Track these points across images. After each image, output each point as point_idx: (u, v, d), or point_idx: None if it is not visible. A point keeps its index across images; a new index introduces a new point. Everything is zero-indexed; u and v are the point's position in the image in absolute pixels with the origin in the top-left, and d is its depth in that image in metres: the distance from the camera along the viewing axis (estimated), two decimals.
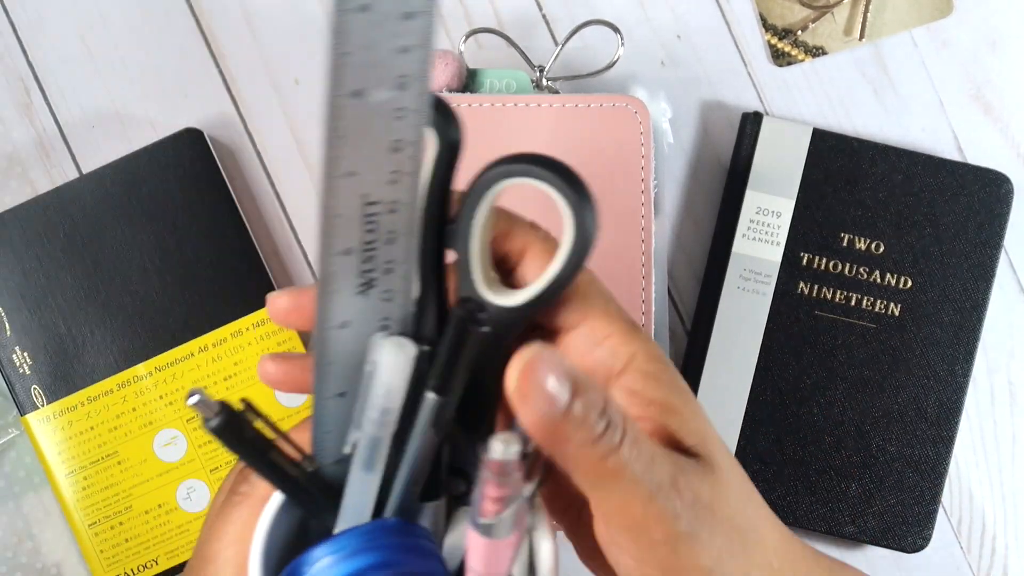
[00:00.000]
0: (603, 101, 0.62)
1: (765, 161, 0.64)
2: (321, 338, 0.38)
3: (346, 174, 0.34)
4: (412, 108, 0.34)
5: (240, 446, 0.38)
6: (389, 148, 0.34)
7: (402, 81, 0.33)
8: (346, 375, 0.39)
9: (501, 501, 0.36)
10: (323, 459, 0.41)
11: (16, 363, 0.62)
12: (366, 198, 0.35)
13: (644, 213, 0.62)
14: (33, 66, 0.65)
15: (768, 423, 0.63)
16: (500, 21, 0.66)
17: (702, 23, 0.66)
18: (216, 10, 0.65)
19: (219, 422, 0.37)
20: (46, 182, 0.65)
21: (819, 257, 0.64)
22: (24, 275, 0.62)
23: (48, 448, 0.62)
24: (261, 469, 0.40)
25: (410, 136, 0.35)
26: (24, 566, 0.63)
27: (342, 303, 0.37)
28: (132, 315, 0.62)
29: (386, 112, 0.34)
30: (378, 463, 0.39)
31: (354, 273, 0.37)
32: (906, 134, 0.66)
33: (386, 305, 0.38)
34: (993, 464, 0.65)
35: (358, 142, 0.34)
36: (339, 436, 0.40)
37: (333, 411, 0.40)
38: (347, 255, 0.36)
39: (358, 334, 0.38)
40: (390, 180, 0.35)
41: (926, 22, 0.66)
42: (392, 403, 0.37)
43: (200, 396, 0.36)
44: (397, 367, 0.37)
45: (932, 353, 0.63)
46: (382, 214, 0.36)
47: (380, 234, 0.36)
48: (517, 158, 0.38)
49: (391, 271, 0.37)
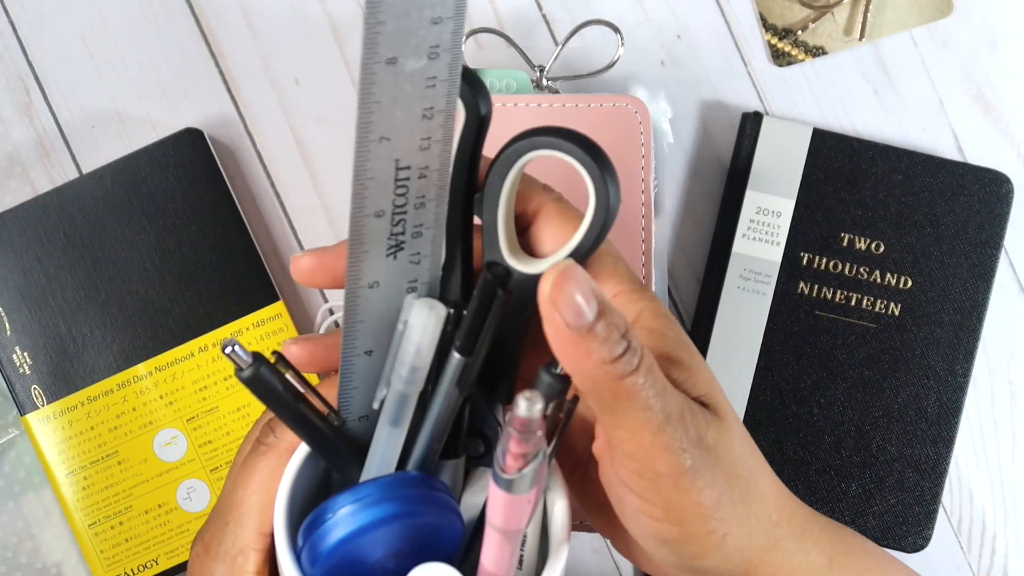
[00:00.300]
0: (603, 101, 0.62)
1: (765, 161, 0.64)
2: (352, 297, 0.39)
3: (379, 138, 0.36)
4: (443, 78, 0.35)
5: (271, 397, 0.39)
6: (421, 115, 0.36)
7: (434, 51, 0.35)
8: (374, 333, 0.40)
9: (523, 457, 0.37)
10: (349, 414, 0.42)
11: (16, 363, 0.62)
12: (398, 163, 0.36)
13: (644, 213, 0.62)
14: (33, 66, 0.65)
15: (768, 423, 0.63)
16: (500, 21, 0.66)
17: (702, 23, 0.66)
18: (216, 10, 0.65)
19: (251, 372, 0.38)
20: (46, 182, 0.65)
21: (819, 257, 0.64)
22: (24, 275, 0.62)
23: (48, 448, 0.62)
24: (289, 420, 0.41)
25: (441, 104, 0.36)
26: (24, 566, 0.63)
27: (372, 264, 0.38)
28: (132, 315, 0.62)
29: (418, 80, 0.35)
30: (405, 419, 0.40)
31: (385, 235, 0.38)
32: (906, 134, 0.66)
33: (414, 268, 0.39)
34: (993, 464, 0.65)
35: (391, 108, 0.35)
36: (366, 393, 0.41)
37: (360, 368, 0.41)
38: (379, 217, 0.37)
39: (387, 294, 0.39)
40: (421, 146, 0.36)
41: (926, 22, 0.66)
42: (421, 362, 0.39)
43: (235, 346, 0.37)
44: (428, 327, 0.38)
45: (932, 353, 0.63)
46: (413, 179, 0.37)
47: (411, 198, 0.37)
48: (544, 131, 0.39)
49: (420, 235, 0.38)
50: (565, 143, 0.39)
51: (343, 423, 0.42)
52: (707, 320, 0.63)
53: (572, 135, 0.39)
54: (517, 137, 0.40)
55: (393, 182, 0.37)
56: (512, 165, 0.40)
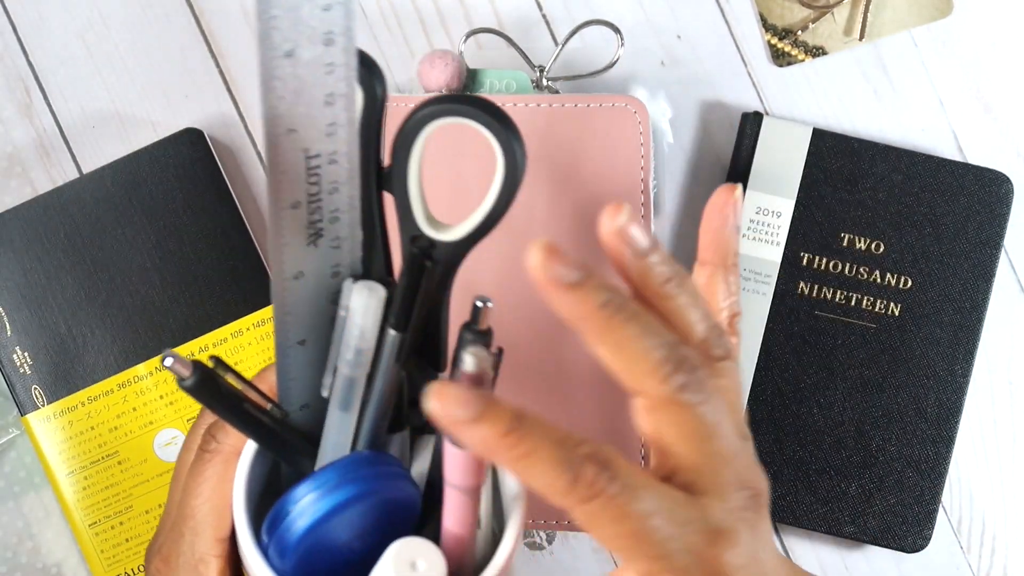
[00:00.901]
0: (603, 101, 0.62)
1: (765, 161, 0.64)
2: (278, 290, 0.39)
3: (287, 131, 0.36)
4: (340, 62, 0.36)
5: (216, 402, 0.40)
6: (323, 102, 0.36)
7: (328, 37, 0.35)
8: (305, 323, 0.41)
9: None
10: (291, 406, 0.43)
11: (16, 363, 0.62)
12: (307, 152, 0.37)
13: (644, 213, 0.62)
14: (33, 66, 0.65)
15: (768, 423, 0.63)
16: (500, 21, 0.66)
17: (702, 23, 0.66)
18: (216, 10, 0.65)
19: (194, 381, 0.39)
20: (46, 182, 0.65)
21: (819, 257, 0.64)
22: (24, 275, 0.62)
23: (48, 448, 0.62)
24: (236, 422, 0.42)
25: (341, 89, 0.37)
26: (24, 566, 0.63)
27: (294, 255, 0.39)
28: (132, 315, 0.62)
29: (317, 68, 0.36)
30: (355, 402, 0.41)
31: (303, 225, 0.39)
32: (906, 134, 0.66)
33: (335, 252, 0.40)
34: (993, 464, 0.65)
35: (294, 100, 0.36)
36: (303, 382, 0.42)
37: (296, 359, 0.41)
38: (295, 208, 0.38)
39: (312, 283, 0.40)
40: (327, 132, 0.37)
41: (926, 22, 0.66)
42: (366, 344, 0.40)
43: (174, 358, 0.38)
44: (370, 309, 0.39)
45: (932, 353, 0.63)
46: (323, 166, 0.38)
47: (323, 185, 0.38)
48: (443, 99, 0.40)
49: (337, 219, 0.39)
50: (465, 108, 0.39)
51: (286, 415, 0.43)
52: None
53: (473, 100, 0.40)
54: (417, 108, 0.40)
55: (305, 172, 0.38)
56: (417, 137, 0.40)
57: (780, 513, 0.63)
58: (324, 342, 0.42)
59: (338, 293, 0.41)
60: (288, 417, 0.43)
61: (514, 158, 0.40)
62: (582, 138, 0.62)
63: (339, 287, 0.41)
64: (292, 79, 0.35)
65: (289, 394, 0.42)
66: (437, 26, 0.66)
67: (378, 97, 0.40)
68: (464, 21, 0.66)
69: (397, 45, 0.66)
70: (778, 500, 0.63)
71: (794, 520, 0.63)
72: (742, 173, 0.64)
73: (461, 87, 0.63)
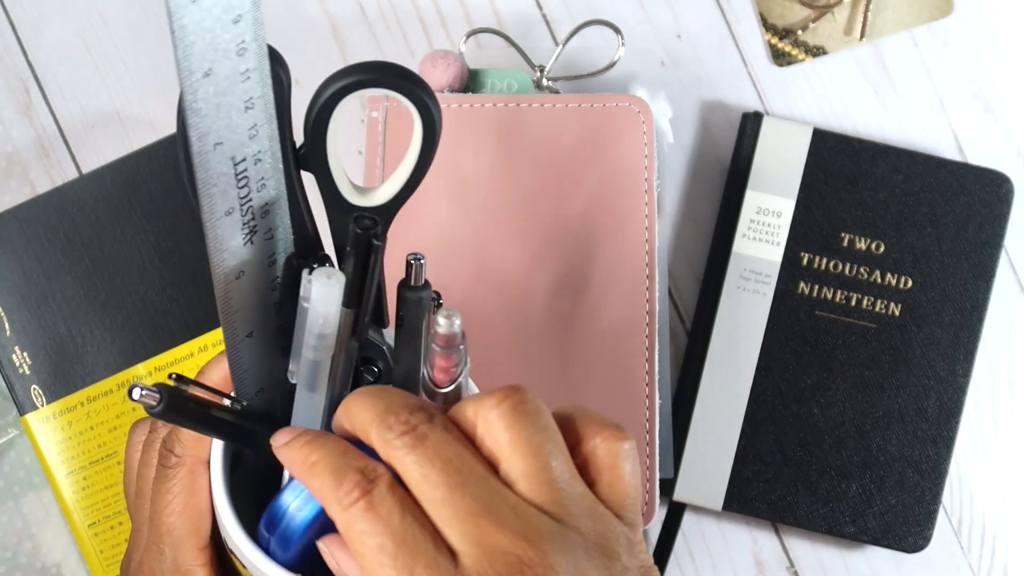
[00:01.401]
0: (605, 101, 0.62)
1: (765, 161, 0.64)
2: (222, 292, 0.40)
3: (214, 146, 0.37)
4: (254, 67, 0.37)
5: (186, 419, 0.42)
6: (243, 108, 0.37)
7: (241, 48, 0.37)
8: (251, 317, 0.42)
9: (451, 370, 0.40)
10: (247, 394, 0.44)
11: (16, 363, 0.62)
12: (234, 160, 0.38)
13: (648, 212, 0.62)
14: (33, 66, 0.65)
15: (768, 423, 0.63)
16: (500, 21, 0.66)
17: (702, 23, 0.66)
18: None
19: (164, 406, 0.40)
20: (46, 182, 0.65)
21: (819, 257, 0.64)
22: (24, 275, 0.62)
23: (48, 448, 0.62)
24: (207, 430, 0.43)
25: (258, 92, 0.38)
26: (24, 566, 0.63)
27: (234, 257, 0.40)
28: (132, 315, 0.62)
29: (234, 79, 0.37)
30: (321, 383, 0.42)
31: (238, 228, 0.39)
32: (906, 134, 0.66)
33: (269, 243, 0.41)
34: (993, 464, 0.65)
35: (216, 115, 0.37)
36: (255, 370, 0.43)
37: (246, 352, 0.42)
38: (229, 215, 0.39)
39: (252, 278, 0.41)
40: (250, 136, 0.38)
41: (926, 22, 0.66)
42: (329, 328, 0.41)
43: (141, 389, 0.39)
44: (331, 297, 0.40)
45: (932, 353, 0.63)
46: (250, 167, 0.39)
47: (252, 185, 0.39)
48: (348, 71, 0.41)
49: (267, 212, 0.40)
50: (374, 76, 0.40)
51: (246, 405, 0.44)
52: (707, 320, 0.63)
53: (380, 66, 0.40)
54: (323, 85, 0.41)
55: (234, 179, 0.38)
56: (331, 112, 0.41)
57: (780, 513, 0.63)
58: (270, 329, 0.43)
59: (277, 279, 0.42)
60: (249, 406, 0.44)
61: (429, 115, 0.41)
62: (586, 138, 0.62)
63: (276, 275, 0.42)
64: (213, 96, 0.36)
65: (244, 384, 0.44)
66: (437, 26, 0.66)
67: (284, 84, 0.41)
68: (464, 21, 0.66)
69: (397, 45, 0.66)
70: (778, 500, 0.63)
71: (794, 520, 0.63)
72: (742, 173, 0.64)
73: (463, 87, 0.63)
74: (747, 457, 0.63)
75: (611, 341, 0.61)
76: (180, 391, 0.41)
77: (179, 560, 0.45)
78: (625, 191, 0.62)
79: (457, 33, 0.66)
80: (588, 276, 0.61)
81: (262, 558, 0.42)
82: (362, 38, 0.65)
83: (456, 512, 0.36)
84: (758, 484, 0.63)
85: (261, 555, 0.42)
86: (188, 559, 0.45)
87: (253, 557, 0.42)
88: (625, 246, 0.61)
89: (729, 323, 0.63)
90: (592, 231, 0.61)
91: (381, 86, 0.40)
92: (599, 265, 0.61)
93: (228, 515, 0.43)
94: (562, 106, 0.62)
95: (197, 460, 0.45)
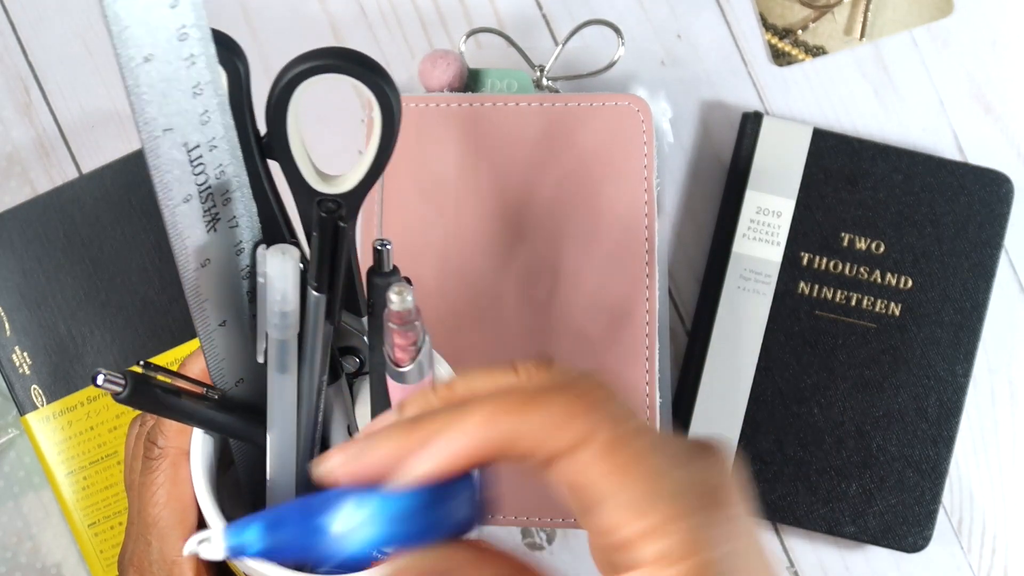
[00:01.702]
0: (605, 100, 0.62)
1: (765, 161, 0.64)
2: (190, 281, 0.41)
3: (163, 131, 0.37)
4: (199, 52, 0.37)
5: (155, 406, 0.41)
6: (192, 94, 0.38)
7: (183, 32, 0.37)
8: (222, 305, 0.42)
9: (412, 347, 0.40)
10: (226, 384, 0.44)
11: (16, 363, 0.62)
12: (187, 146, 0.38)
13: (648, 212, 0.62)
14: (33, 66, 0.65)
15: (768, 423, 0.63)
16: (500, 21, 0.66)
17: (702, 23, 0.66)
18: (216, 10, 0.65)
19: (129, 391, 0.40)
20: (46, 182, 0.65)
21: (819, 257, 0.64)
22: (24, 275, 0.62)
23: (48, 448, 0.62)
24: (179, 417, 0.43)
25: (206, 77, 0.38)
26: (24, 566, 0.63)
27: (197, 245, 0.40)
28: (132, 315, 0.62)
29: (178, 64, 0.37)
30: (291, 363, 0.42)
31: (199, 215, 0.40)
32: (906, 134, 0.66)
33: (235, 231, 0.41)
34: (993, 464, 0.65)
35: (163, 100, 0.37)
36: (233, 360, 0.43)
37: (220, 340, 0.43)
38: (188, 202, 0.39)
39: (220, 267, 0.41)
40: (202, 122, 0.38)
41: (926, 22, 0.66)
42: (289, 306, 0.41)
43: (104, 374, 0.39)
44: (287, 272, 0.40)
45: (932, 353, 0.63)
46: (205, 154, 0.39)
47: (210, 172, 0.39)
48: (304, 57, 0.41)
49: (230, 200, 0.40)
50: (333, 63, 0.40)
51: (223, 395, 0.44)
52: (707, 320, 0.63)
53: (338, 52, 0.40)
54: (282, 72, 0.41)
55: (189, 165, 0.38)
56: (289, 100, 0.41)
57: (780, 513, 0.63)
58: (244, 317, 0.43)
59: (246, 269, 0.42)
60: (226, 395, 0.44)
61: (388, 102, 0.41)
62: (586, 138, 0.62)
63: (246, 264, 0.42)
64: (157, 82, 0.37)
65: (223, 374, 0.44)
66: (437, 26, 0.66)
67: (242, 73, 0.41)
68: (464, 21, 0.66)
69: (397, 45, 0.66)
70: (778, 500, 0.63)
71: (794, 520, 0.63)
72: (742, 173, 0.64)
73: (463, 87, 0.63)
74: (747, 457, 0.63)
75: (611, 341, 0.61)
76: (147, 377, 0.41)
77: (165, 551, 0.46)
78: (625, 191, 0.62)
79: (457, 33, 0.66)
80: (587, 276, 0.61)
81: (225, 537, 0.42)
82: (362, 38, 0.66)
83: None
84: (758, 484, 0.63)
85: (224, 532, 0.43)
86: (174, 550, 0.46)
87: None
88: (625, 246, 0.61)
89: (729, 323, 0.63)
90: (592, 231, 0.61)
91: (338, 72, 0.41)
92: (598, 265, 0.61)
93: (207, 502, 0.43)
94: (562, 106, 0.62)
95: (180, 452, 0.46)
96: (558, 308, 0.61)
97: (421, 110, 0.62)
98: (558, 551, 0.64)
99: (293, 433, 0.44)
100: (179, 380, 0.42)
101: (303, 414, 0.44)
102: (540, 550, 0.64)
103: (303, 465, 0.46)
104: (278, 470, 0.45)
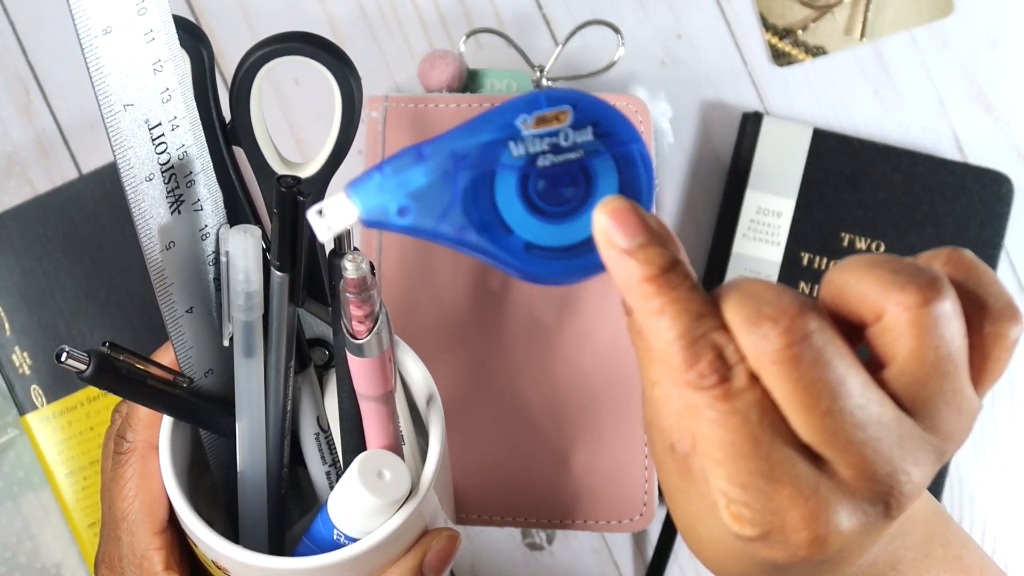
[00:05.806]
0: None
1: (765, 161, 0.64)
2: (155, 264, 0.41)
3: (124, 106, 0.38)
4: (159, 29, 0.38)
5: (119, 385, 0.41)
6: (152, 71, 0.38)
7: (141, 7, 0.37)
8: (188, 290, 0.42)
9: (368, 318, 0.39)
10: (195, 374, 0.44)
11: (16, 363, 0.62)
12: (149, 123, 0.38)
13: None
14: (33, 66, 0.65)
15: None
16: (500, 21, 0.66)
17: (702, 23, 0.66)
18: (216, 10, 0.65)
19: (93, 369, 0.39)
20: (46, 182, 0.65)
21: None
22: (24, 275, 0.62)
23: (48, 448, 0.62)
24: (145, 400, 0.43)
25: (165, 55, 0.38)
26: (23, 566, 0.63)
27: (161, 225, 0.40)
28: (132, 315, 0.62)
29: (137, 39, 0.37)
30: (256, 347, 0.42)
31: (162, 195, 0.40)
32: (906, 134, 0.66)
33: (199, 215, 0.41)
34: (993, 464, 0.65)
35: (122, 75, 0.37)
36: (201, 349, 0.43)
37: (188, 327, 0.42)
38: (150, 181, 0.39)
39: (184, 250, 0.41)
40: (163, 99, 0.38)
41: (926, 22, 0.66)
42: (253, 286, 0.40)
43: (67, 351, 0.38)
44: (249, 251, 0.40)
45: None
46: (167, 133, 0.39)
47: (172, 152, 0.39)
48: (265, 42, 0.41)
49: (193, 182, 0.40)
50: (294, 45, 0.41)
51: (192, 383, 0.44)
52: None
53: (300, 36, 0.41)
54: (245, 56, 0.41)
55: (151, 143, 0.39)
56: (251, 85, 0.41)
57: None
58: (211, 305, 0.43)
59: (212, 255, 0.42)
60: (195, 385, 0.44)
61: (349, 86, 0.41)
62: None
63: (212, 250, 0.42)
64: (116, 54, 0.37)
65: (191, 362, 0.43)
66: (437, 26, 0.66)
67: (205, 58, 0.41)
68: (464, 21, 0.66)
69: (397, 45, 0.66)
70: None
71: None
72: (742, 173, 0.64)
73: (462, 87, 0.63)
74: None
75: (611, 343, 0.61)
76: (110, 357, 0.40)
77: (135, 545, 0.45)
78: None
79: (457, 33, 0.66)
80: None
81: (207, 532, 0.43)
82: (362, 38, 0.66)
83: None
84: None
85: (205, 529, 0.43)
86: (144, 544, 0.45)
87: (197, 532, 0.43)
88: None
89: None
90: None
91: (298, 54, 0.41)
92: None
93: (175, 492, 0.43)
94: None
95: (148, 445, 0.45)
96: (555, 308, 0.61)
97: (420, 110, 0.62)
98: (558, 551, 0.64)
99: (262, 421, 0.44)
100: (148, 364, 0.42)
101: (271, 401, 0.44)
102: (540, 550, 0.64)
103: (274, 455, 0.45)
104: (248, 460, 0.45)
